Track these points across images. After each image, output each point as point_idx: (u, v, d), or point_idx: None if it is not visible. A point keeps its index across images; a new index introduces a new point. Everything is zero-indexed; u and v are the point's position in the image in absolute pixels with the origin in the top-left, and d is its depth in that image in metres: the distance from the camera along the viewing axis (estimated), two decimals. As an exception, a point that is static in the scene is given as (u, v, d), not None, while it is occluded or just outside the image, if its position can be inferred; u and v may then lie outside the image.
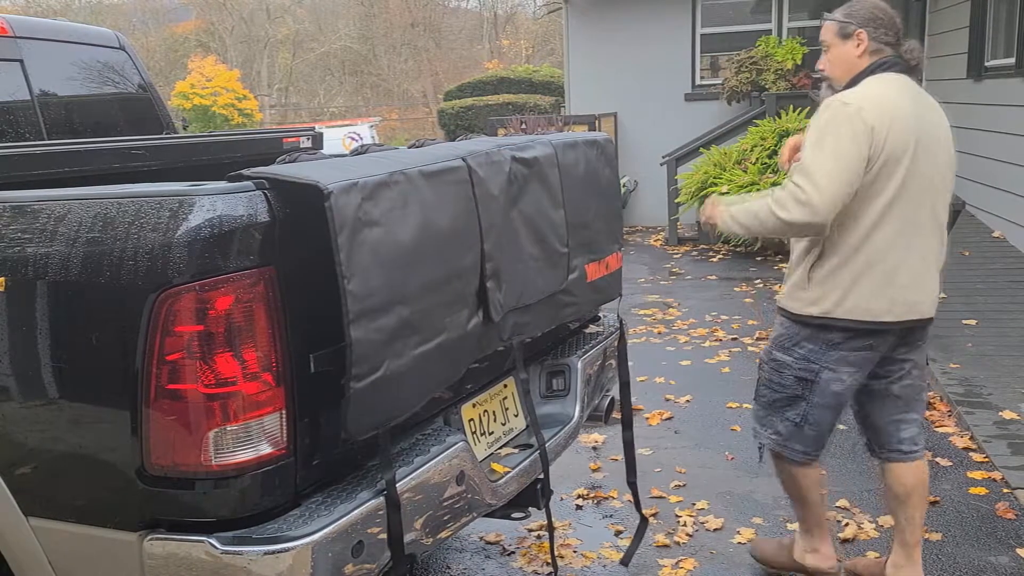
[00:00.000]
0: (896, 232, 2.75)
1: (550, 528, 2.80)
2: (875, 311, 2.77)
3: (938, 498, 3.78)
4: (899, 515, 3.05)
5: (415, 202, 2.04)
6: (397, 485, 2.02)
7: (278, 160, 2.04)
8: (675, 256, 9.81)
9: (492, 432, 2.68)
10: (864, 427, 3.11)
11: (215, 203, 1.80)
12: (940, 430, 4.51)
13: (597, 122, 11.51)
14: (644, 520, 3.43)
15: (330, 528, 1.88)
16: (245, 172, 1.90)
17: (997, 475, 3.96)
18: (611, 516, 3.79)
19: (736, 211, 2.87)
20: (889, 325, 2.81)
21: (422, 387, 2.12)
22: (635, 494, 3.40)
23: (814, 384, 2.89)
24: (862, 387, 2.98)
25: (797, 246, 2.93)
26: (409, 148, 2.49)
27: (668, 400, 5.18)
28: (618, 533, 3.63)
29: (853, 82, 2.83)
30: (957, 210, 4.95)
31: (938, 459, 4.17)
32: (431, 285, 2.10)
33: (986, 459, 4.12)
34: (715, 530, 3.61)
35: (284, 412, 1.89)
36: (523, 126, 11.58)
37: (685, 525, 3.65)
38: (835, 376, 2.87)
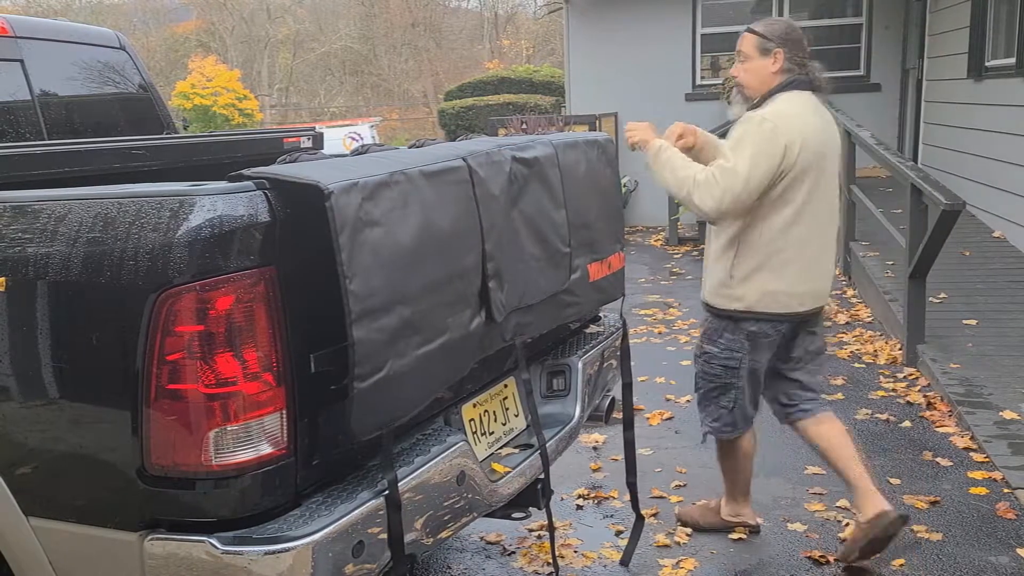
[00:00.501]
0: (806, 233, 3.13)
1: (551, 528, 2.80)
2: (791, 304, 3.19)
3: (939, 498, 3.78)
4: (836, 465, 3.36)
5: (416, 202, 2.04)
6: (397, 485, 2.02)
7: (279, 160, 2.04)
8: (675, 256, 9.81)
9: (492, 432, 2.68)
10: (769, 401, 3.47)
11: (215, 203, 1.80)
12: (940, 430, 4.51)
13: (597, 122, 11.51)
14: (640, 518, 3.44)
15: (330, 528, 1.87)
16: (246, 172, 1.90)
17: (997, 475, 3.96)
18: (612, 516, 3.79)
19: (667, 164, 3.14)
20: (801, 315, 3.24)
21: (425, 387, 2.12)
22: (634, 494, 3.42)
23: (739, 370, 3.27)
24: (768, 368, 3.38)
25: (715, 244, 3.27)
26: (410, 148, 2.49)
27: (669, 400, 5.18)
28: (619, 533, 3.63)
29: (766, 96, 3.16)
30: (957, 210, 4.94)
31: (938, 459, 4.17)
32: (432, 285, 2.09)
33: (986, 459, 4.12)
34: (715, 530, 3.61)
35: (284, 412, 1.89)
36: (524, 126, 11.58)
37: (685, 525, 3.65)
38: (752, 358, 3.26)
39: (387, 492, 2.00)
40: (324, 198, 1.80)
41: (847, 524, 3.59)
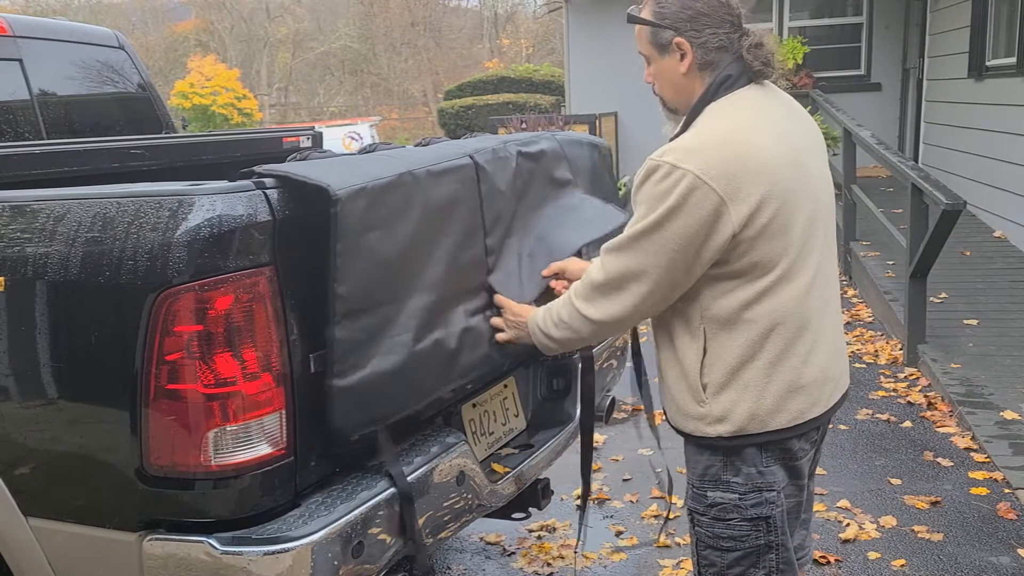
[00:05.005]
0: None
1: (582, 522, 2.81)
2: None
3: (939, 498, 3.77)
4: None
5: (420, 203, 2.04)
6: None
7: (290, 158, 2.04)
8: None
9: (492, 432, 2.67)
10: None
11: (214, 203, 1.79)
12: (941, 430, 4.50)
13: (597, 122, 11.50)
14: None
15: (330, 528, 1.87)
16: (257, 169, 1.90)
17: (998, 475, 3.95)
18: (612, 516, 3.78)
19: (559, 321, 2.11)
20: None
21: (423, 383, 2.11)
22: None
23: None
24: None
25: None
26: (415, 147, 2.49)
27: (668, 400, 5.16)
28: (619, 534, 3.62)
29: (695, 110, 2.00)
30: (958, 210, 4.94)
31: (939, 459, 4.17)
32: (429, 283, 2.09)
33: (987, 459, 4.11)
34: (716, 530, 3.60)
35: (284, 412, 1.88)
36: (523, 125, 11.56)
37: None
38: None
39: (398, 486, 2.01)
40: (331, 203, 1.80)
41: (848, 524, 3.58)
